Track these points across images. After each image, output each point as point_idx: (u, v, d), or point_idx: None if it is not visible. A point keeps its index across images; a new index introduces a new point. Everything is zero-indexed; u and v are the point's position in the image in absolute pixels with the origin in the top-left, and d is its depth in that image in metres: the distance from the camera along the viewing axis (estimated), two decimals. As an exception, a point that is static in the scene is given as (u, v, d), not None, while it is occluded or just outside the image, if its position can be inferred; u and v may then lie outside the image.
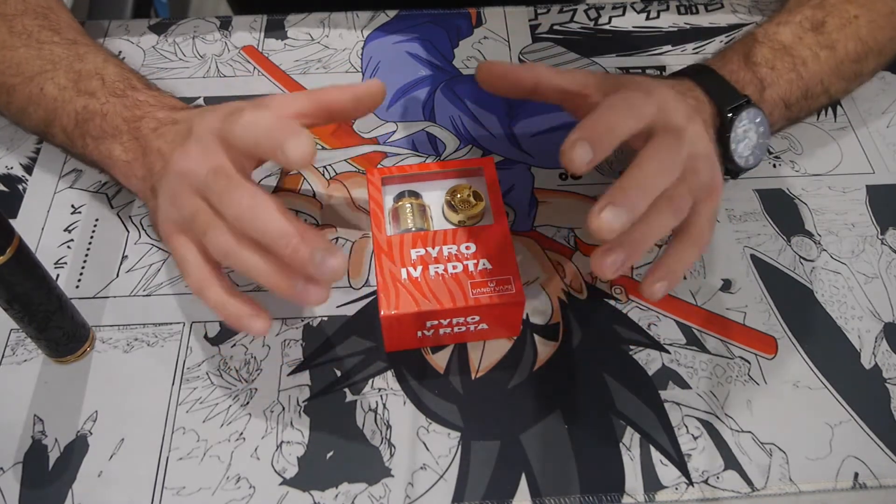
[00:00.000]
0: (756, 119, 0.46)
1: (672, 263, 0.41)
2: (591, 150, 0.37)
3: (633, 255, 0.38)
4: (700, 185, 0.41)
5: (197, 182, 0.39)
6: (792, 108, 0.50)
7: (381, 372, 0.44)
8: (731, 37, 0.62)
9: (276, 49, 0.60)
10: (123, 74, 0.48)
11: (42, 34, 0.49)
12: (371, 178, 0.46)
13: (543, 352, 0.45)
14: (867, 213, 0.51)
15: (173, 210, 0.41)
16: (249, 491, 0.40)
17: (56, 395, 0.43)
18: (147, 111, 0.45)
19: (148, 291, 0.47)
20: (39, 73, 0.48)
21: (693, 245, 0.41)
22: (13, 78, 0.48)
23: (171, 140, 0.43)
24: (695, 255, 0.42)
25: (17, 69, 0.48)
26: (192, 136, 0.41)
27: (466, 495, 0.40)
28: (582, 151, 0.37)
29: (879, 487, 0.40)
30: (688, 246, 0.41)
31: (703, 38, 0.62)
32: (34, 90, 0.48)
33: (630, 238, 0.38)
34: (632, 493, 0.40)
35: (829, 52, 0.50)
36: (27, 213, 0.50)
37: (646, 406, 0.43)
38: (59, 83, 0.47)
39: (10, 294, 0.38)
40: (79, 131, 0.47)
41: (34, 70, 0.48)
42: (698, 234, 0.41)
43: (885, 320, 0.46)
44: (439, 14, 0.63)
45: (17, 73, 0.48)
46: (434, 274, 0.42)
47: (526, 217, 0.51)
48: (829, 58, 0.50)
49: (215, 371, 0.44)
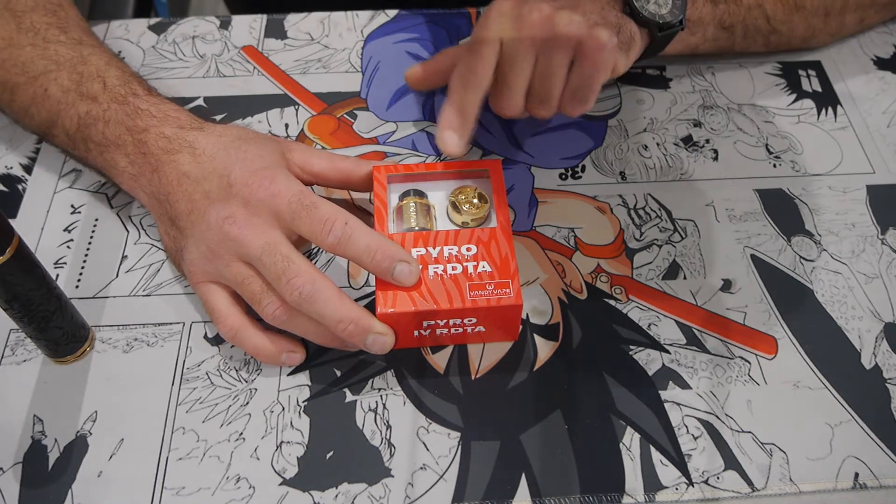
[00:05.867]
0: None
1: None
2: (455, 135, 0.46)
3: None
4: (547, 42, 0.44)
5: (247, 254, 0.41)
6: (719, 5, 0.52)
7: (380, 372, 0.44)
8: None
9: (276, 49, 0.60)
10: (125, 79, 0.48)
11: (49, 32, 0.49)
12: (377, 176, 0.46)
13: (543, 352, 0.45)
14: (867, 213, 0.51)
15: (210, 266, 0.42)
16: (249, 491, 0.40)
17: (56, 395, 0.43)
18: (150, 123, 0.45)
19: (148, 291, 0.47)
20: (43, 72, 0.48)
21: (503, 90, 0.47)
22: (18, 77, 0.48)
23: (198, 181, 0.43)
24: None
25: (22, 68, 0.48)
26: (240, 199, 0.42)
27: (466, 495, 0.40)
28: (450, 140, 0.46)
29: (880, 487, 0.40)
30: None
31: (703, 38, 0.62)
32: (38, 90, 0.48)
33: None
34: (632, 493, 0.40)
35: None
36: (27, 213, 0.50)
37: (646, 406, 0.43)
38: (63, 85, 0.47)
39: (10, 294, 0.38)
40: (81, 135, 0.47)
41: (38, 70, 0.48)
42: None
43: (885, 320, 0.46)
44: (439, 14, 0.63)
45: (22, 72, 0.48)
46: (433, 274, 0.42)
47: (526, 217, 0.51)
48: None
49: (215, 371, 0.44)
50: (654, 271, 0.48)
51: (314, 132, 0.55)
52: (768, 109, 0.57)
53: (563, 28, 0.44)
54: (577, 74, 0.46)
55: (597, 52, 0.44)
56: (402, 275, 0.41)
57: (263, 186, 0.41)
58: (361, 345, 0.41)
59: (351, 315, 0.40)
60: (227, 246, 0.41)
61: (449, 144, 0.46)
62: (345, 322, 0.40)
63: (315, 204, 0.41)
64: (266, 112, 0.56)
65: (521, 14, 0.45)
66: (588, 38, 0.44)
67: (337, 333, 0.41)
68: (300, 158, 0.46)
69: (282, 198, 0.41)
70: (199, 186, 0.43)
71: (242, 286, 0.42)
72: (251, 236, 0.41)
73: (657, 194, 0.52)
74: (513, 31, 0.45)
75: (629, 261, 0.49)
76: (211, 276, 0.43)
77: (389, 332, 0.42)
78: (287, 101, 0.57)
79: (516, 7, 0.45)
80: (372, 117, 0.56)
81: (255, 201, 0.41)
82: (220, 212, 0.41)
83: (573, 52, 0.45)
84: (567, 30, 0.44)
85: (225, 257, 0.42)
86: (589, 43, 0.44)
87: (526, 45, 0.45)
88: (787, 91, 0.58)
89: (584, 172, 0.53)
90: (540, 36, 0.44)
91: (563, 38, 0.44)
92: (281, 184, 0.42)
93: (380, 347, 0.41)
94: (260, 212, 0.41)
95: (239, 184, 0.42)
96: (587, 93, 0.47)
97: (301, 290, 0.40)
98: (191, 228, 0.43)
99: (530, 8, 0.45)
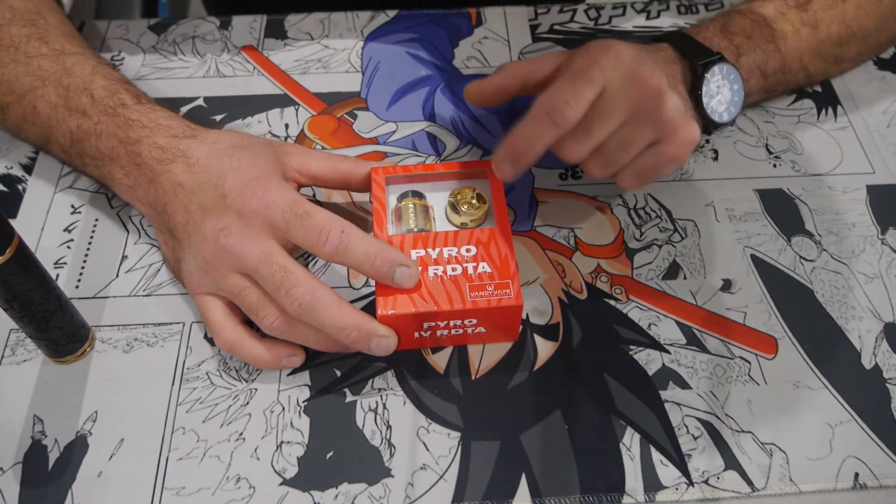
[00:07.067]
0: (730, 76, 0.46)
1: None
2: (512, 167, 0.44)
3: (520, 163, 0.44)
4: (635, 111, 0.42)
5: (243, 266, 0.41)
6: (769, 78, 0.51)
7: (380, 372, 0.44)
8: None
9: (276, 49, 0.60)
10: (112, 88, 0.47)
11: (30, 46, 0.48)
12: (375, 177, 0.46)
13: (543, 352, 0.45)
14: (867, 213, 0.51)
15: (206, 278, 0.42)
16: (249, 491, 0.40)
17: (56, 395, 0.43)
18: (142, 134, 0.45)
19: (148, 291, 0.47)
20: (29, 90, 0.47)
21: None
22: (6, 97, 0.48)
23: (193, 192, 0.43)
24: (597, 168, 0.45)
25: (8, 87, 0.47)
26: (234, 210, 0.41)
27: (466, 495, 0.40)
28: (506, 169, 0.44)
29: (880, 487, 0.40)
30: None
31: (703, 38, 0.62)
32: (27, 108, 0.47)
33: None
34: (632, 493, 0.40)
35: (811, 30, 0.51)
36: (27, 213, 0.50)
37: (646, 406, 0.43)
38: (50, 101, 0.46)
39: (10, 294, 0.38)
40: (76, 150, 0.47)
41: (24, 87, 0.47)
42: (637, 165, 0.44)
43: (885, 320, 0.46)
44: (439, 14, 0.63)
45: (9, 91, 0.47)
46: (433, 275, 0.42)
47: (526, 217, 0.51)
48: (810, 36, 0.51)
49: (215, 371, 0.44)
50: (654, 271, 0.48)
51: (314, 132, 0.55)
52: (768, 109, 0.57)
53: (668, 110, 0.42)
54: (653, 156, 0.44)
55: (683, 146, 0.43)
56: (403, 278, 0.41)
57: (257, 196, 0.41)
58: (365, 349, 0.41)
59: (353, 321, 0.40)
60: (223, 258, 0.41)
61: (504, 174, 0.45)
62: (347, 329, 0.40)
63: (309, 213, 0.41)
64: (266, 112, 0.56)
65: (639, 74, 0.42)
66: (683, 130, 0.42)
67: (340, 340, 0.41)
68: (297, 161, 0.46)
69: (275, 207, 0.41)
70: (195, 197, 0.43)
71: (239, 297, 0.42)
72: (247, 248, 0.41)
73: (657, 194, 0.52)
74: (623, 85, 0.42)
75: (629, 261, 0.49)
76: (208, 288, 0.43)
77: (392, 334, 0.42)
78: (287, 101, 0.57)
79: (636, 63, 0.42)
80: (372, 117, 0.56)
81: (248, 212, 0.41)
82: (216, 224, 0.41)
83: (661, 135, 0.43)
84: (671, 114, 0.42)
85: (221, 269, 0.42)
86: (682, 134, 0.42)
87: (627, 105, 0.42)
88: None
89: (584, 172, 0.53)
90: (644, 106, 0.42)
91: (663, 120, 0.42)
92: (274, 193, 0.41)
93: (383, 350, 0.41)
94: (254, 222, 0.41)
95: (233, 194, 0.42)
96: (651, 175, 0.45)
97: (301, 299, 0.39)
98: (187, 240, 0.43)
99: (650, 72, 0.42)
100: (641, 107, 0.42)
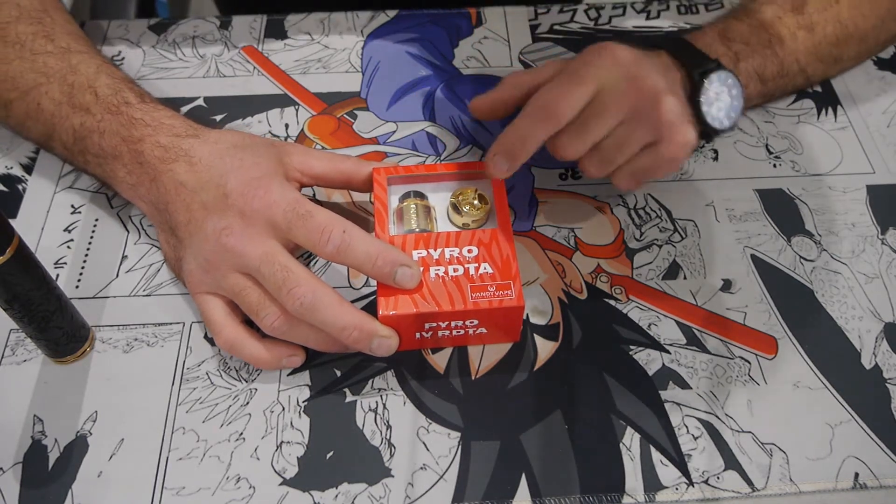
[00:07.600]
0: (728, 81, 0.46)
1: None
2: (506, 162, 0.44)
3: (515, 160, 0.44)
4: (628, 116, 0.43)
5: (245, 265, 0.41)
6: (768, 83, 0.51)
7: (380, 372, 0.44)
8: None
9: (276, 49, 0.60)
10: (116, 86, 0.47)
11: (36, 43, 0.48)
12: (377, 178, 0.46)
13: (543, 352, 0.45)
14: (867, 213, 0.51)
15: (207, 277, 0.42)
16: (249, 491, 0.40)
17: (56, 395, 0.43)
18: (145, 133, 0.45)
19: (148, 291, 0.47)
20: (34, 87, 0.47)
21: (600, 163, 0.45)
22: (9, 93, 0.48)
23: (195, 191, 0.43)
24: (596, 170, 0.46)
25: (13, 83, 0.47)
26: (236, 210, 0.41)
27: (466, 495, 0.40)
28: (500, 164, 0.44)
29: (880, 487, 0.40)
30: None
31: (703, 38, 0.62)
32: (31, 105, 0.47)
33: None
34: (632, 493, 0.40)
35: (807, 33, 0.51)
36: (27, 213, 0.50)
37: (646, 406, 0.43)
38: (55, 98, 0.46)
39: (10, 294, 0.38)
40: (78, 147, 0.47)
41: (29, 84, 0.47)
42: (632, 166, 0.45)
43: (885, 320, 0.46)
44: (439, 14, 0.63)
45: (13, 87, 0.47)
46: (434, 276, 0.42)
47: (526, 217, 0.51)
48: (807, 39, 0.51)
49: (215, 371, 0.44)
50: (654, 271, 0.48)
51: (314, 132, 0.55)
52: (768, 109, 0.57)
53: (665, 112, 0.42)
54: (649, 157, 0.44)
55: (679, 148, 0.43)
56: (404, 279, 0.41)
57: (258, 196, 0.41)
58: (366, 349, 0.41)
59: (354, 321, 0.40)
60: (224, 257, 0.41)
61: (497, 170, 0.45)
62: (349, 329, 0.40)
63: (311, 213, 0.41)
64: (266, 112, 0.56)
65: (636, 75, 0.43)
66: (679, 132, 0.43)
67: (341, 340, 0.41)
68: (299, 161, 0.46)
69: (277, 207, 0.41)
70: (197, 196, 0.43)
71: (240, 297, 0.42)
72: (248, 247, 0.41)
73: (657, 194, 0.52)
74: (619, 85, 0.42)
75: (629, 261, 0.49)
76: (209, 287, 0.43)
77: (393, 334, 0.42)
78: (287, 101, 0.57)
79: (635, 65, 0.43)
80: (372, 117, 0.56)
81: (250, 212, 0.41)
82: (217, 223, 0.41)
83: (658, 136, 0.43)
84: (668, 116, 0.42)
85: (222, 268, 0.42)
86: (678, 137, 0.43)
87: (624, 105, 0.43)
88: (787, 91, 0.58)
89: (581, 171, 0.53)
90: (642, 107, 0.42)
91: (660, 122, 0.42)
92: (276, 193, 0.42)
93: (385, 350, 0.42)
94: (256, 222, 0.41)
95: (235, 194, 0.42)
96: (646, 176, 0.45)
97: (302, 299, 0.39)
98: (189, 239, 0.43)
99: (647, 74, 0.43)
100: (639, 107, 0.43)
